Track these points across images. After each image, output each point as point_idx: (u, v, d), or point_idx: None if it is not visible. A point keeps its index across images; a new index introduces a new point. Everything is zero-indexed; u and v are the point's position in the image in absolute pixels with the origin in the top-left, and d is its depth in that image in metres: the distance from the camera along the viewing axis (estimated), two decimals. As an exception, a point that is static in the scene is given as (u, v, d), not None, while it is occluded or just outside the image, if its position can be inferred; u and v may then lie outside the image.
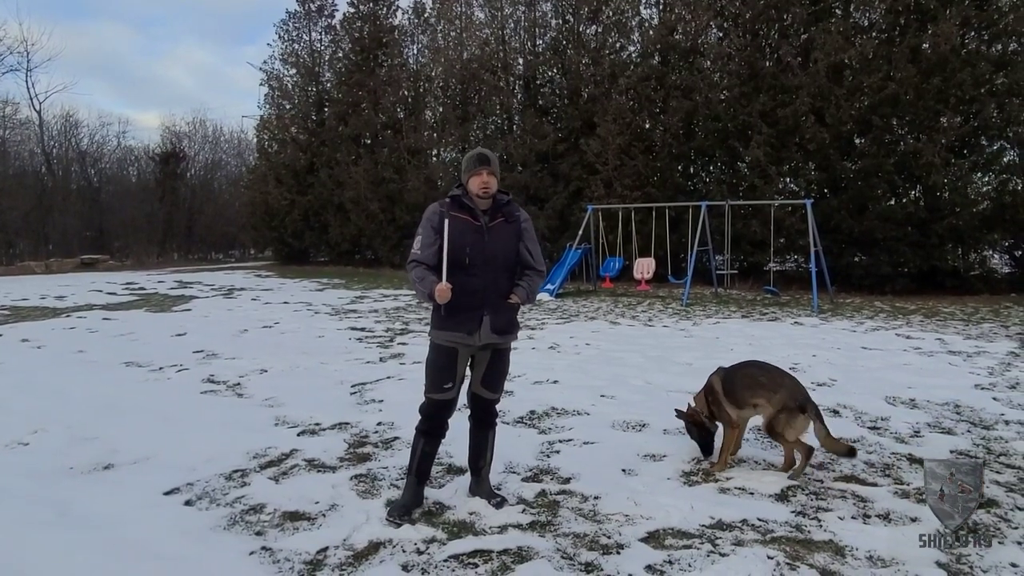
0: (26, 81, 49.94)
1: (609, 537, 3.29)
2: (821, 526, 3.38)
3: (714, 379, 4.31)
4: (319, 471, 4.23)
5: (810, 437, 4.02)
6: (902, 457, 4.38)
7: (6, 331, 10.26)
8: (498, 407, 3.88)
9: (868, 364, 7.43)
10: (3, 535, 3.33)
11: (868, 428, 5.03)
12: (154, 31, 78.34)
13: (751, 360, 4.54)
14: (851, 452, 4.03)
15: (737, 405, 4.12)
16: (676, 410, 4.49)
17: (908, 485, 3.90)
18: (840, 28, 15.80)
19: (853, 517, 3.49)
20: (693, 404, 4.40)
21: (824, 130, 15.56)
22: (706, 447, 4.32)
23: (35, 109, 35.05)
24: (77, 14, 68.20)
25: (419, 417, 3.67)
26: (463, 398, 3.73)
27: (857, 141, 16.07)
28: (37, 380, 6.83)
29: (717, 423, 4.30)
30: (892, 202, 15.76)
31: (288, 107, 30.56)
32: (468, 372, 3.69)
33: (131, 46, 73.33)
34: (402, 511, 3.51)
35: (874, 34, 16.05)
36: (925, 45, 15.00)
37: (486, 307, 3.50)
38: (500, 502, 3.67)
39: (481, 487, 3.78)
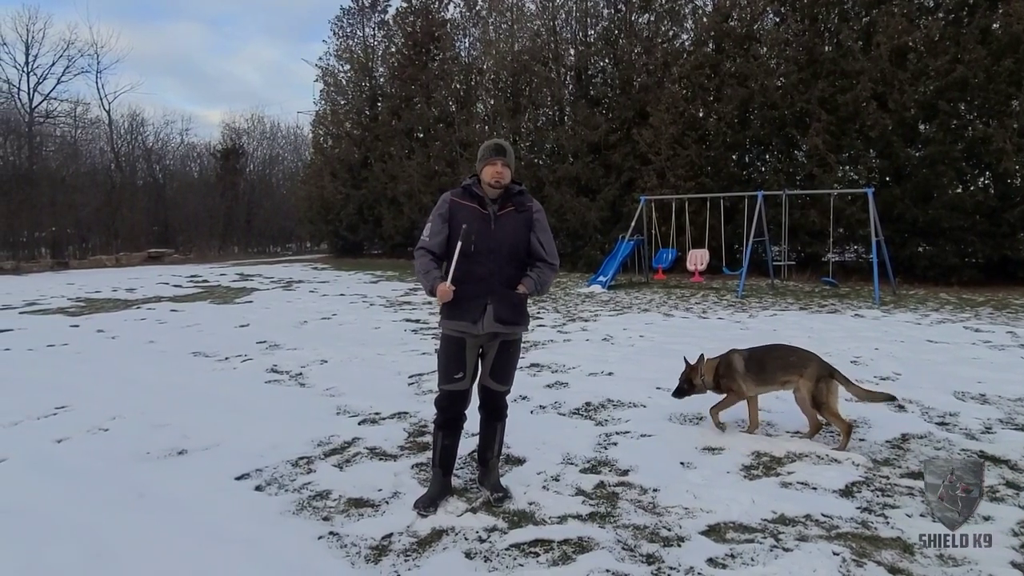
0: (96, 82, 52.21)
1: (669, 530, 3.29)
2: (888, 523, 3.32)
3: (735, 357, 4.68)
4: (381, 459, 4.34)
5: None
6: (973, 454, 4.25)
7: (82, 322, 10.77)
8: (509, 398, 3.82)
9: (934, 358, 7.20)
10: (88, 515, 3.52)
11: (936, 424, 4.89)
12: (226, 29, 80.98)
13: (776, 343, 4.99)
14: (891, 397, 4.61)
15: (761, 383, 4.58)
16: (685, 358, 4.95)
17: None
18: (904, 10, 15.27)
19: (922, 514, 3.40)
20: (702, 364, 4.79)
21: (887, 116, 15.07)
22: (680, 393, 4.87)
23: (104, 109, 36.75)
24: (152, 15, 70.97)
25: (435, 411, 3.69)
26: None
27: (922, 127, 15.51)
28: (113, 369, 7.16)
29: (707, 390, 4.81)
30: (960, 190, 15.16)
31: (342, 102, 31.14)
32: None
33: (203, 44, 76.15)
34: (428, 502, 3.54)
35: (940, 15, 15.44)
36: (996, 25, 14.39)
37: (490, 296, 3.48)
38: (501, 497, 3.62)
39: (488, 478, 3.75)
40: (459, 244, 3.44)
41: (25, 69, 32.35)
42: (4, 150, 31.53)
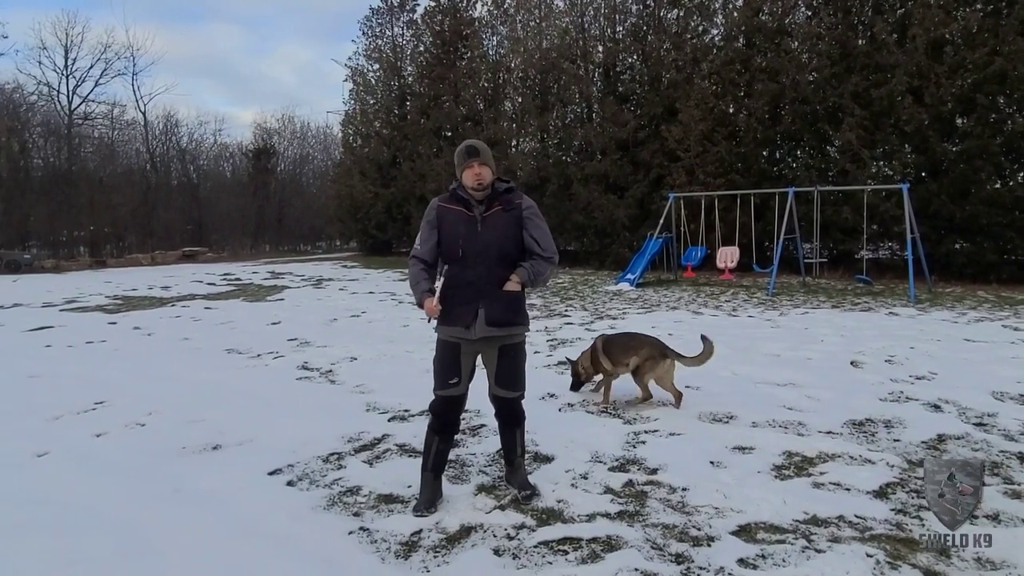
0: (132, 84, 53.49)
1: (699, 529, 3.27)
2: (924, 525, 3.26)
3: (598, 342, 5.63)
4: (410, 456, 4.37)
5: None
6: (1012, 455, 4.16)
7: (120, 319, 11.02)
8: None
9: (972, 357, 7.04)
10: (126, 508, 3.61)
11: (974, 424, 4.78)
12: (261, 30, 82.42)
13: (626, 331, 6.05)
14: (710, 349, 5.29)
15: (613, 364, 5.47)
16: (567, 357, 6.15)
17: (1019, 485, 3.70)
18: (940, 1, 14.91)
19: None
20: (581, 357, 5.74)
21: (922, 110, 14.77)
22: (575, 386, 5.82)
23: (140, 110, 37.56)
24: (187, 17, 72.56)
25: (431, 415, 3.66)
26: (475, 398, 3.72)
27: (959, 121, 15.18)
28: (149, 365, 7.32)
29: (595, 377, 5.73)
30: (998, 185, 14.80)
31: (372, 102, 31.39)
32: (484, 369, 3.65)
33: (238, 45, 77.73)
34: (428, 504, 3.53)
35: (978, 6, 15.07)
36: (1037, 16, 13.99)
37: (481, 299, 3.41)
38: (529, 495, 3.62)
39: (516, 476, 3.74)
40: (445, 267, 3.48)
41: (64, 72, 33.20)
42: (45, 152, 32.38)
